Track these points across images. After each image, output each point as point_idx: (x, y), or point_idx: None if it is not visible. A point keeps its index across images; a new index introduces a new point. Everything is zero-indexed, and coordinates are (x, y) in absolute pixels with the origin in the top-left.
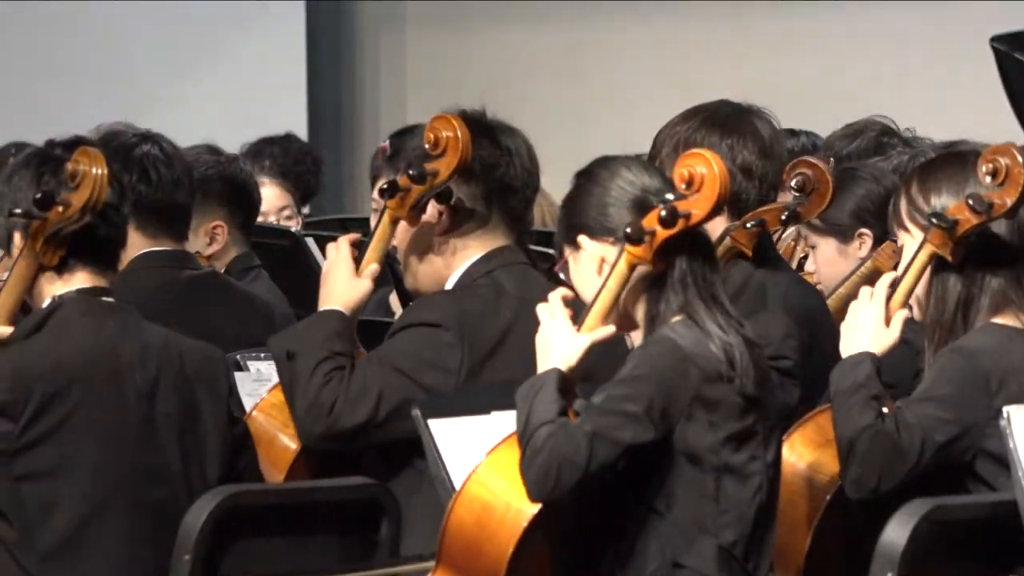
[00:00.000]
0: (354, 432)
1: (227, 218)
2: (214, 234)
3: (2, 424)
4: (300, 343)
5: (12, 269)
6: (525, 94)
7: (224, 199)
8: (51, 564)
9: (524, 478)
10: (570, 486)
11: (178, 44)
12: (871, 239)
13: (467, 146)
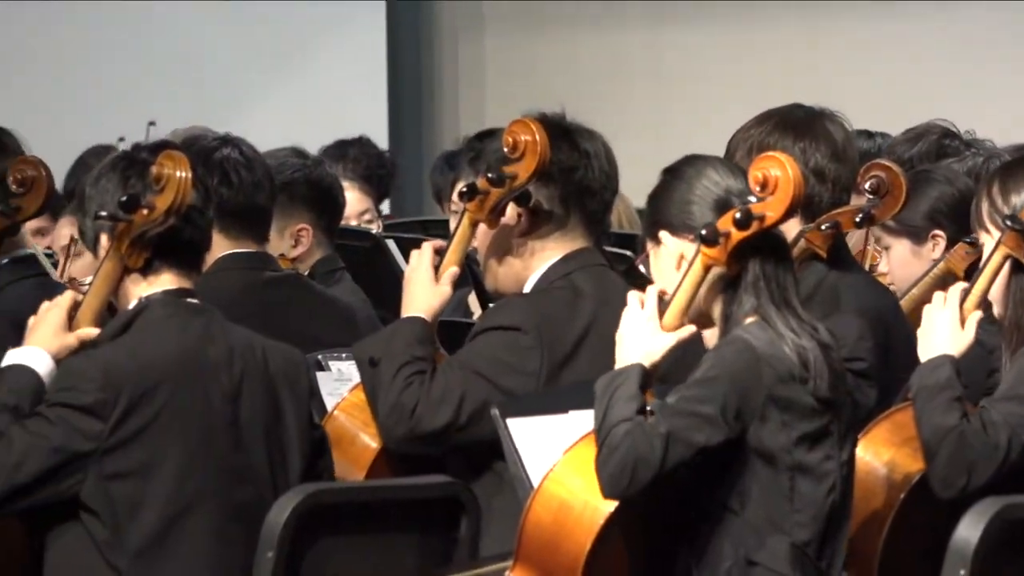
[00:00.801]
0: (436, 435)
1: (312, 221)
2: (299, 236)
3: (92, 423)
4: (383, 349)
5: (98, 270)
6: (603, 97)
7: (309, 202)
8: (140, 562)
9: (599, 474)
10: (644, 485)
11: (263, 50)
12: (944, 240)
13: (545, 149)
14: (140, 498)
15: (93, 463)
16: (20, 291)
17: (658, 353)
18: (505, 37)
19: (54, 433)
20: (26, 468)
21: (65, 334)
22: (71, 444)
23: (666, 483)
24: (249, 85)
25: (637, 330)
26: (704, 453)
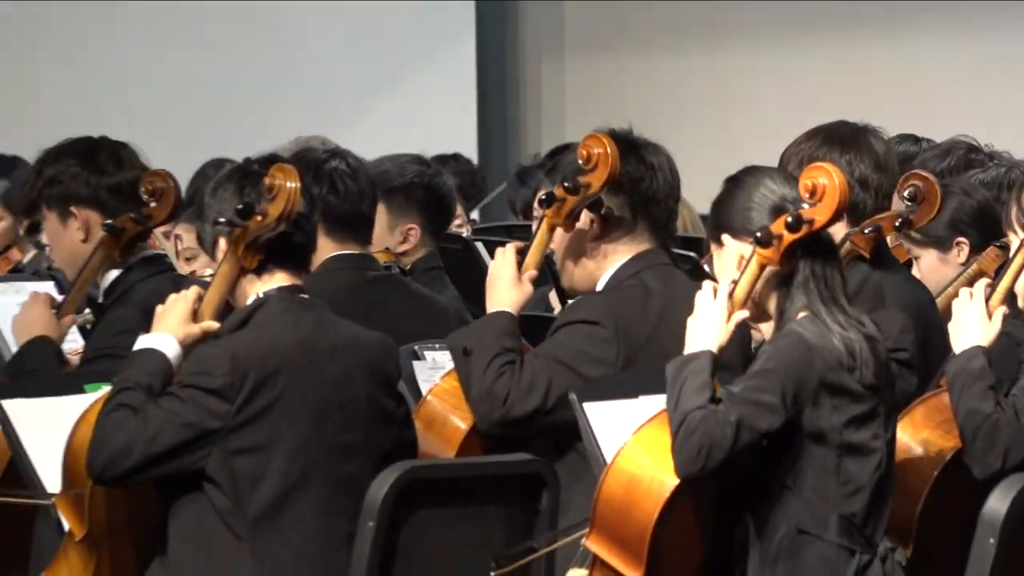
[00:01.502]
0: (526, 419)
1: (422, 222)
2: (408, 234)
3: (220, 404)
4: (475, 341)
5: (217, 271)
6: (670, 114)
7: (424, 205)
8: (258, 529)
9: (676, 456)
10: (716, 466)
11: (368, 72)
12: (968, 247)
13: (616, 161)
14: (259, 472)
15: (219, 440)
16: (152, 286)
17: (726, 339)
18: (583, 61)
19: (186, 411)
20: (160, 440)
21: (190, 324)
22: (201, 422)
23: (729, 464)
24: (356, 104)
25: (710, 316)
26: (765, 436)
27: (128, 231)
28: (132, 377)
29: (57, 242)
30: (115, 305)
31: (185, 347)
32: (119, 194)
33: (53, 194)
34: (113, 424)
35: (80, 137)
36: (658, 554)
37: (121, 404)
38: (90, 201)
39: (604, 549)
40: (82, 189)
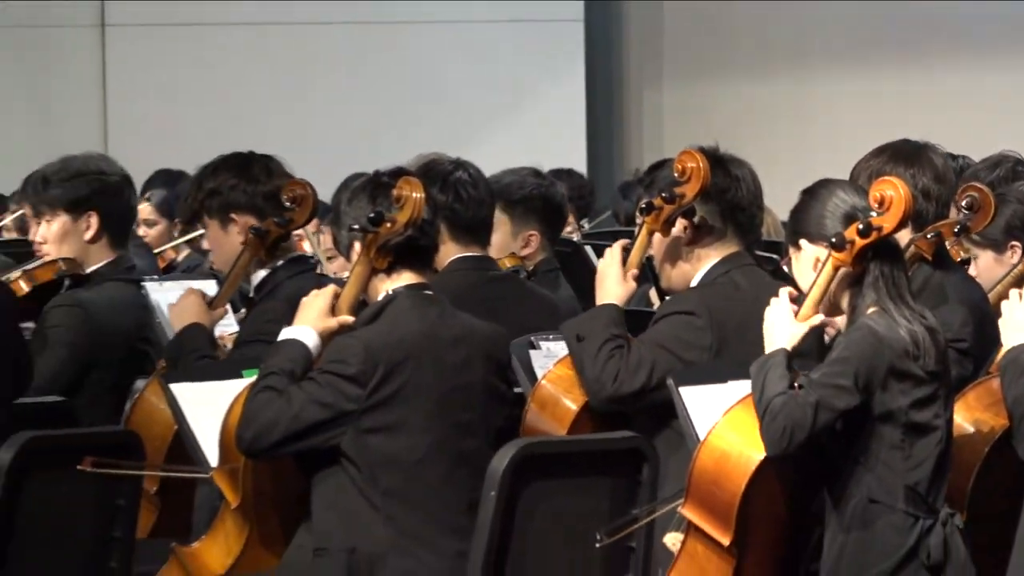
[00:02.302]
0: (633, 395)
1: (541, 228)
2: (529, 240)
3: (355, 389)
4: (587, 329)
5: (352, 271)
6: (757, 133)
7: (541, 214)
8: (390, 498)
9: (764, 437)
10: (800, 444)
11: (491, 95)
12: (1021, 249)
13: (707, 174)
14: (390, 449)
15: (353, 420)
16: (299, 283)
17: (797, 338)
18: (679, 86)
19: (324, 394)
20: (301, 419)
21: (328, 318)
22: (337, 404)
23: (814, 443)
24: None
25: (780, 321)
26: (840, 417)
27: (272, 233)
28: (277, 364)
29: (219, 247)
30: (264, 300)
31: (323, 339)
32: (273, 200)
33: (214, 204)
34: (260, 403)
35: (233, 152)
36: (745, 521)
37: (267, 387)
38: (247, 208)
39: (697, 516)
40: (240, 197)
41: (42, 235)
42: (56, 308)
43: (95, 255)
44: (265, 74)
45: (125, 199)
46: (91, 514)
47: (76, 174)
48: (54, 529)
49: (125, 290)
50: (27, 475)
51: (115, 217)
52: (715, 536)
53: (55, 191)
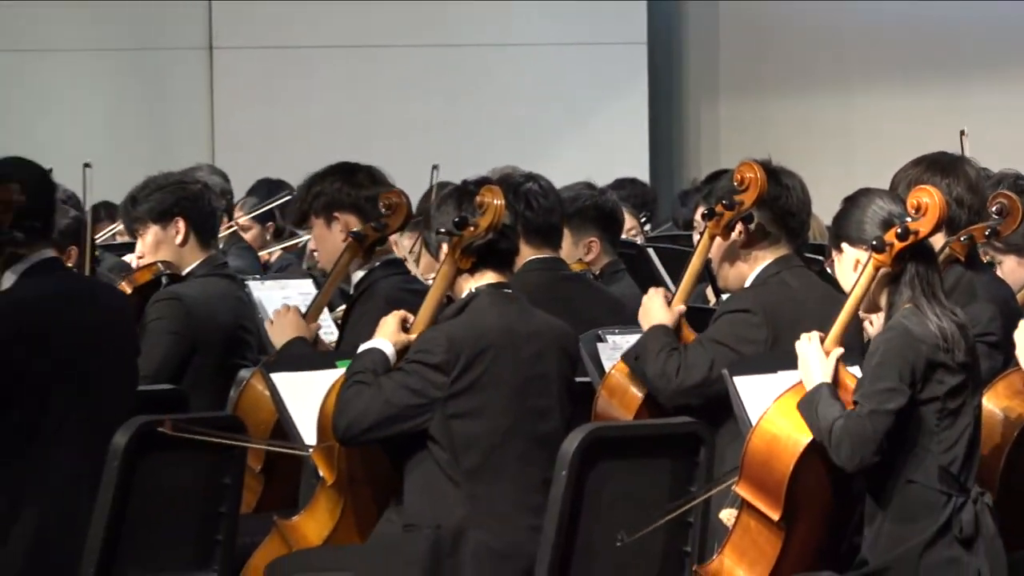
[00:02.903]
0: (695, 388)
1: (599, 235)
2: (590, 246)
3: (439, 376)
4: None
5: (439, 270)
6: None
7: (597, 221)
8: (471, 477)
9: (836, 458)
10: (873, 454)
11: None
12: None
13: (764, 183)
14: (471, 432)
15: (439, 406)
16: (392, 282)
17: (830, 370)
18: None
19: (412, 381)
20: (392, 404)
21: (400, 333)
22: (424, 390)
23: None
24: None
25: (813, 359)
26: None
27: (369, 237)
28: (362, 366)
29: (323, 244)
30: (362, 297)
31: (398, 350)
32: (373, 204)
33: (320, 204)
34: (352, 394)
35: (341, 161)
36: (793, 498)
37: (357, 381)
38: (350, 208)
39: (750, 494)
40: (343, 199)
41: (140, 250)
42: (156, 303)
43: (188, 256)
44: (360, 93)
45: (206, 203)
46: (199, 491)
47: (157, 188)
48: (165, 505)
49: (219, 283)
50: (141, 456)
51: (199, 220)
52: (766, 512)
53: (142, 207)
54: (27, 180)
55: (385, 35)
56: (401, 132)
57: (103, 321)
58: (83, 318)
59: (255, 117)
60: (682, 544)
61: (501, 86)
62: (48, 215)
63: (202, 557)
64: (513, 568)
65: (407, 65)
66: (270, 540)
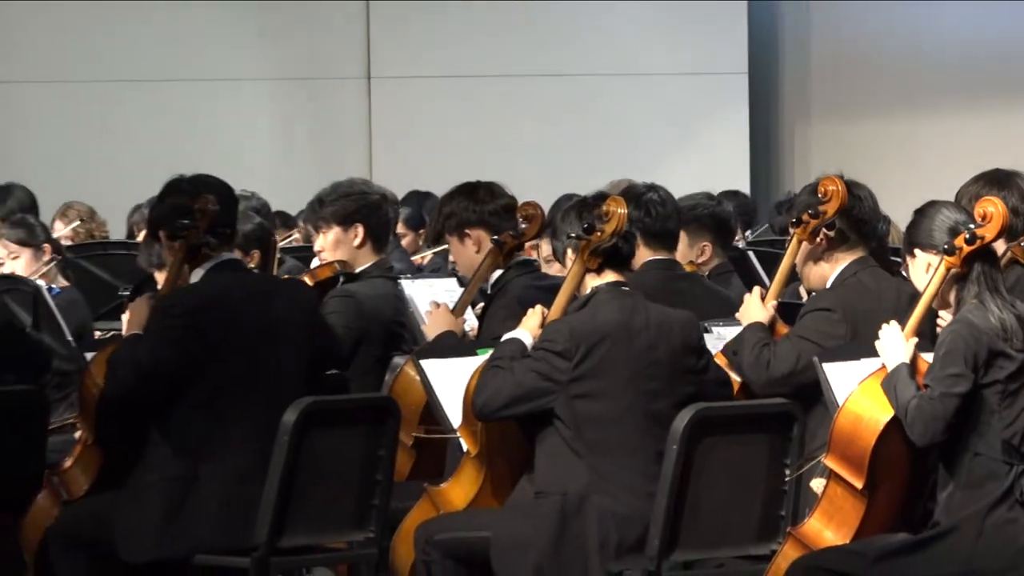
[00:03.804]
0: (783, 378)
1: (712, 240)
2: (703, 249)
3: (563, 362)
4: (738, 342)
5: (569, 271)
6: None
7: (712, 228)
8: (593, 449)
9: (911, 436)
10: (942, 431)
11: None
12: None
13: (844, 195)
14: (592, 410)
15: (563, 388)
16: (523, 281)
17: (909, 353)
18: (823, 125)
19: (539, 367)
20: (522, 385)
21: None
22: (549, 374)
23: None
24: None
25: (894, 343)
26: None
27: (508, 244)
28: (501, 352)
29: (460, 257)
30: (498, 295)
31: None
32: (497, 215)
33: (452, 224)
34: (489, 376)
35: (463, 182)
36: (875, 469)
37: (495, 365)
38: (477, 223)
39: (837, 465)
40: (471, 216)
41: (320, 244)
42: (333, 298)
43: (362, 258)
44: (501, 118)
45: (384, 213)
46: (358, 462)
47: (344, 195)
48: (329, 474)
49: (385, 284)
50: (307, 432)
51: (376, 227)
52: (851, 481)
53: (328, 209)
54: (219, 193)
55: (523, 65)
56: (536, 152)
57: (278, 313)
58: (258, 310)
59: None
60: (778, 509)
61: (621, 111)
62: (233, 223)
63: (360, 519)
64: (630, 529)
65: (543, 92)
66: (420, 505)
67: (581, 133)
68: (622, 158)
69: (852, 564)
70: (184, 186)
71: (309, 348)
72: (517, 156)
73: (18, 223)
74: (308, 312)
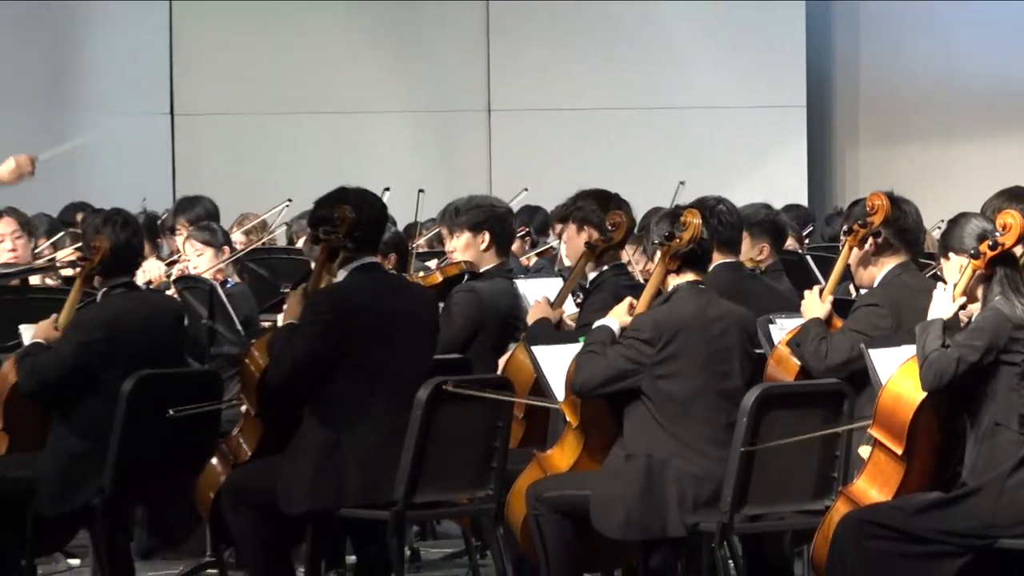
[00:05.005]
0: (840, 366)
1: (769, 242)
2: (762, 250)
3: (648, 348)
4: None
5: (654, 271)
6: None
7: (769, 232)
8: (674, 420)
9: (922, 380)
10: (946, 384)
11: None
12: None
13: (888, 208)
14: (672, 388)
15: (648, 369)
16: (616, 280)
17: (951, 312)
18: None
19: (628, 352)
20: (614, 367)
21: (626, 316)
22: (637, 358)
23: (957, 384)
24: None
25: (941, 301)
26: (974, 368)
27: (599, 247)
28: (595, 338)
29: (570, 243)
30: (595, 291)
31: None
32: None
33: (578, 215)
34: (586, 360)
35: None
36: (913, 437)
37: (590, 350)
38: (594, 224)
39: (881, 434)
40: (593, 217)
41: (452, 247)
42: (458, 292)
43: (486, 260)
44: (596, 145)
45: (508, 224)
46: (480, 431)
47: (476, 206)
48: (455, 441)
49: (503, 283)
50: (437, 406)
51: (501, 234)
52: (892, 448)
53: (463, 217)
54: (357, 203)
55: (621, 99)
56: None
57: (406, 308)
58: (390, 304)
59: (524, 167)
60: (831, 471)
61: (694, 138)
62: (372, 230)
63: (481, 479)
64: (704, 488)
65: (635, 124)
66: (530, 468)
67: (663, 157)
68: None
69: (894, 517)
70: (330, 197)
71: (430, 338)
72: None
73: (203, 227)
74: (429, 308)
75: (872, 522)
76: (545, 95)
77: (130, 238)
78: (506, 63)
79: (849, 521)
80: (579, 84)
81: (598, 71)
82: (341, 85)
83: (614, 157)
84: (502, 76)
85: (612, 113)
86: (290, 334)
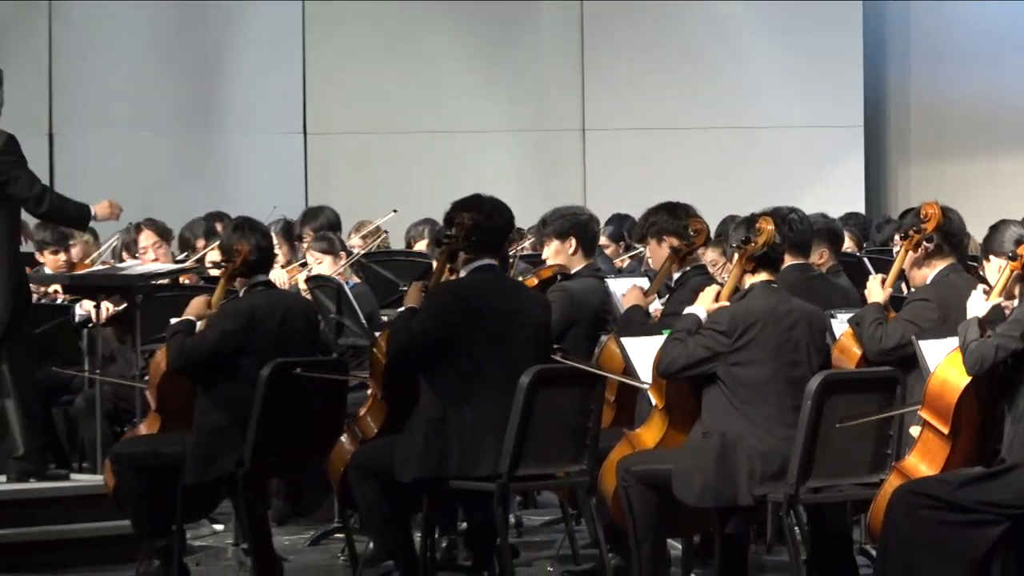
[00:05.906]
0: (892, 349)
1: (828, 247)
2: (822, 254)
3: (724, 339)
4: (860, 316)
5: (732, 271)
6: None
7: (828, 239)
8: (746, 403)
9: (965, 365)
10: (987, 369)
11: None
12: None
13: (940, 216)
14: (745, 375)
15: (724, 357)
16: (697, 280)
17: (986, 310)
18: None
19: (707, 341)
20: (694, 355)
21: (711, 304)
22: (714, 347)
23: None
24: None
25: (976, 302)
26: (1013, 355)
27: (682, 251)
28: (682, 325)
29: (654, 255)
30: (679, 289)
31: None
32: (686, 228)
33: (653, 229)
34: (671, 345)
35: (668, 201)
36: (958, 418)
37: (676, 338)
38: (671, 232)
39: (929, 415)
40: (667, 226)
41: (546, 254)
42: (552, 292)
43: (575, 263)
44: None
45: (591, 228)
46: (575, 412)
47: (560, 216)
48: (553, 421)
49: (593, 282)
50: (538, 390)
51: (586, 239)
52: (939, 428)
53: (550, 227)
54: (475, 210)
55: (701, 119)
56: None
57: (518, 307)
58: (503, 303)
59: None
60: (885, 448)
61: (763, 156)
62: (493, 235)
63: (576, 455)
64: (771, 463)
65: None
66: (621, 445)
67: (738, 172)
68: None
69: (941, 489)
70: (461, 203)
71: (538, 335)
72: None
73: (321, 238)
74: (540, 309)
75: (921, 493)
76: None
77: (266, 242)
78: (598, 87)
79: (901, 493)
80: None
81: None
82: (453, 108)
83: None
84: (595, 99)
85: (691, 133)
86: (410, 316)
